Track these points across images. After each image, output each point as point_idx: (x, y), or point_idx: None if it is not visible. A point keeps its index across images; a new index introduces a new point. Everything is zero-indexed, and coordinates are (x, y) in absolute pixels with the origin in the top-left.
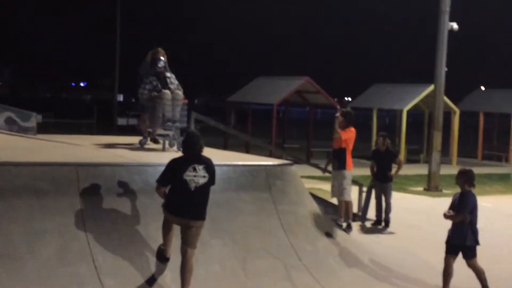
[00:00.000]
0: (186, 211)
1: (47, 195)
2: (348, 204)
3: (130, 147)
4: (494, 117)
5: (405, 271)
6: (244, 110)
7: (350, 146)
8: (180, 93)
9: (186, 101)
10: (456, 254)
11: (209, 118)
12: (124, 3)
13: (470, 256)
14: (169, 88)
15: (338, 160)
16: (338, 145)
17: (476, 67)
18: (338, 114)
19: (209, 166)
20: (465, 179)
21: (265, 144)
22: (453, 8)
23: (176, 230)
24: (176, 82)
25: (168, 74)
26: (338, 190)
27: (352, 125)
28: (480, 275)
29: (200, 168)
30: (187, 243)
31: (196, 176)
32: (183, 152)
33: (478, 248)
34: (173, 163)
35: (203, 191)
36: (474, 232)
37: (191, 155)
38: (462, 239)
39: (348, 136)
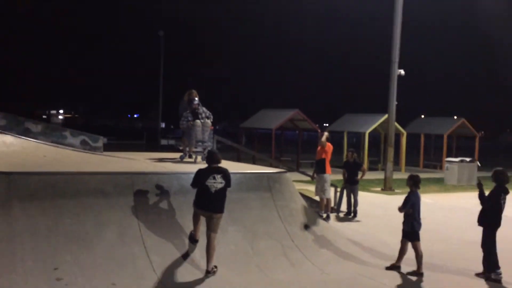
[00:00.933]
0: (209, 207)
1: (111, 196)
2: (328, 201)
3: (170, 160)
4: (431, 137)
5: (368, 248)
6: (252, 133)
7: (329, 157)
8: (208, 121)
9: (212, 127)
10: (407, 238)
11: (226, 139)
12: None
13: (414, 239)
14: (199, 119)
15: (320, 167)
16: (320, 156)
17: (418, 101)
18: (325, 134)
19: (225, 175)
20: (412, 182)
21: (267, 158)
22: (402, 57)
23: (202, 220)
24: (207, 113)
25: (200, 110)
26: (320, 190)
27: (330, 143)
28: (418, 257)
29: (218, 177)
30: (210, 229)
31: (215, 183)
32: (207, 164)
33: (422, 232)
34: (199, 172)
35: (221, 192)
36: (417, 221)
37: (212, 167)
38: (408, 226)
39: (329, 148)
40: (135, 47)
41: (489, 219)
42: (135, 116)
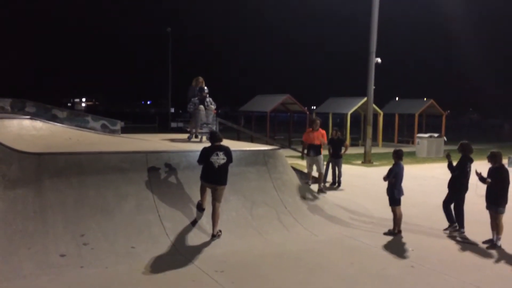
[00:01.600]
0: (213, 180)
1: (128, 171)
2: (321, 175)
3: (179, 140)
4: (404, 116)
5: (351, 213)
6: (249, 115)
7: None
8: (212, 106)
9: (215, 111)
10: (390, 203)
11: (227, 121)
12: (172, 49)
13: (394, 203)
14: (204, 105)
15: (316, 150)
16: (317, 141)
17: (394, 85)
18: (318, 121)
19: (227, 152)
20: (395, 155)
21: (263, 137)
22: (378, 46)
23: (208, 191)
24: (210, 100)
25: (208, 99)
26: (317, 167)
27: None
28: (395, 219)
29: (220, 154)
30: (215, 199)
31: (218, 159)
32: (210, 143)
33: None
34: (204, 150)
35: (224, 167)
36: (398, 189)
37: (215, 145)
38: (390, 193)
39: (324, 134)
40: (147, 42)
41: (458, 185)
42: (148, 102)
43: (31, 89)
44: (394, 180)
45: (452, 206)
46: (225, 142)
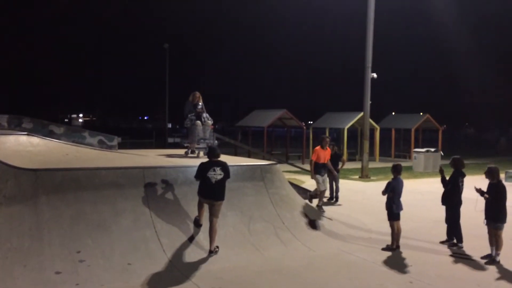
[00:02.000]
0: (210, 195)
1: (125, 187)
2: (323, 192)
3: (176, 156)
4: (401, 131)
5: (348, 228)
6: (247, 131)
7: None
8: (209, 122)
9: (213, 126)
10: (388, 218)
11: (225, 136)
12: (170, 65)
13: (392, 218)
14: (201, 120)
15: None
16: (326, 160)
17: (389, 100)
18: (328, 139)
19: (224, 167)
20: (394, 170)
21: (260, 152)
22: (374, 62)
23: (206, 206)
24: (207, 116)
25: (204, 115)
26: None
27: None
28: (393, 234)
29: (218, 169)
30: (212, 215)
31: (216, 174)
32: (208, 158)
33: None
34: (201, 165)
35: (221, 183)
36: (396, 204)
37: (212, 160)
38: (389, 207)
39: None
40: (144, 57)
41: (451, 199)
42: (145, 118)
43: (28, 104)
44: (392, 194)
45: (446, 219)
46: (223, 157)
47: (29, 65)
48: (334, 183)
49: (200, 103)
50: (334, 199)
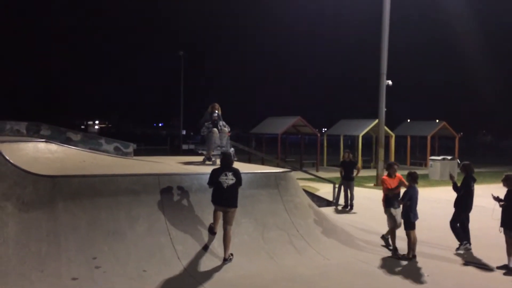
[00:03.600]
0: (223, 201)
1: (140, 194)
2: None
3: (190, 163)
4: (416, 139)
5: (363, 237)
6: (261, 138)
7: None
8: (226, 129)
9: (229, 133)
10: (405, 227)
11: (239, 143)
12: (185, 73)
13: (409, 227)
14: (217, 128)
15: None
16: (398, 191)
17: (405, 107)
18: (396, 166)
19: (236, 173)
20: (410, 178)
21: (274, 159)
22: (389, 69)
23: (221, 214)
24: (223, 123)
25: (221, 122)
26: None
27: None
28: (410, 243)
29: (229, 174)
30: (226, 222)
31: (227, 179)
32: (220, 164)
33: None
34: (213, 171)
35: (233, 188)
36: (413, 213)
37: (225, 166)
38: (405, 216)
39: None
40: (159, 65)
41: (466, 203)
42: (160, 124)
43: (45, 111)
44: (409, 203)
45: (458, 224)
46: (236, 165)
47: (47, 72)
48: (349, 191)
49: (216, 112)
50: (349, 207)
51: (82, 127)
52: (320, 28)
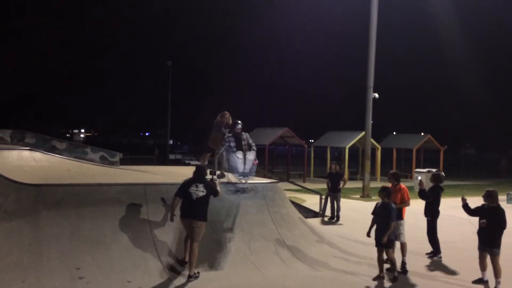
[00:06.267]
0: (189, 213)
1: (126, 204)
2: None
3: (178, 173)
4: (402, 151)
5: (349, 248)
6: None
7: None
8: (252, 154)
9: (257, 162)
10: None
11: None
12: (172, 83)
13: (389, 246)
14: (242, 147)
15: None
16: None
17: (390, 120)
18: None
19: (207, 185)
20: (385, 193)
21: (261, 170)
22: (375, 82)
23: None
24: (249, 141)
25: (244, 136)
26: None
27: None
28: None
29: (200, 186)
30: (192, 239)
31: (197, 191)
32: (193, 175)
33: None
34: (184, 182)
35: (202, 201)
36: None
37: (196, 178)
38: (393, 235)
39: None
40: (147, 73)
41: (434, 211)
42: (147, 134)
43: (30, 119)
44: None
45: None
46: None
47: (32, 80)
48: (335, 202)
49: (239, 122)
50: (335, 218)
51: (68, 135)
52: (308, 39)
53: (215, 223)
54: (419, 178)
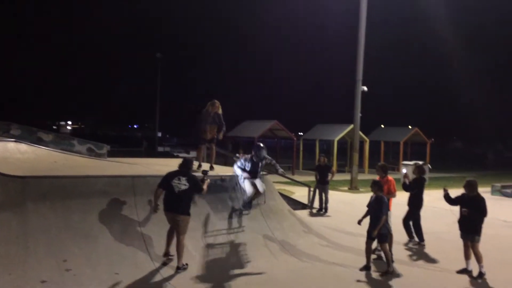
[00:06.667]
0: (172, 207)
1: (114, 196)
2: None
3: (166, 165)
4: (390, 144)
5: (337, 239)
6: (237, 141)
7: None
8: (262, 186)
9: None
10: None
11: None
12: (162, 74)
13: (383, 240)
14: (255, 176)
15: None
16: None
17: (378, 114)
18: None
19: (190, 178)
20: (377, 187)
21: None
22: (364, 75)
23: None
24: (268, 159)
25: (268, 160)
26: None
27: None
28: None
29: (183, 179)
30: (178, 232)
31: (180, 184)
32: (178, 167)
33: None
34: (168, 174)
35: (185, 194)
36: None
37: (181, 170)
38: (384, 229)
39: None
40: (135, 66)
41: (417, 202)
42: (135, 126)
43: (16, 111)
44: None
45: (411, 222)
46: (216, 168)
47: (18, 71)
48: (323, 194)
49: (264, 151)
50: (324, 210)
51: (54, 127)
52: (296, 33)
53: (203, 215)
54: (404, 171)
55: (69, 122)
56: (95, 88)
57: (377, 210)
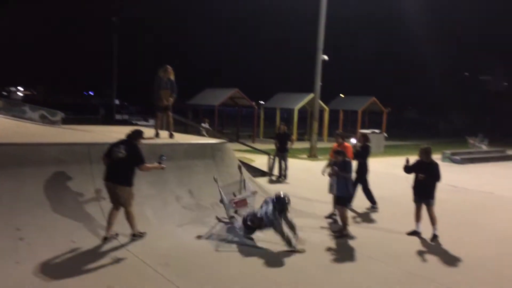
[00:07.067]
0: (110, 175)
1: (69, 164)
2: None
3: (122, 132)
4: (348, 113)
5: (294, 205)
6: (197, 109)
7: None
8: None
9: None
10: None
11: (175, 114)
12: (120, 36)
13: (341, 203)
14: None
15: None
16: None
17: (338, 82)
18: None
19: (129, 147)
20: (342, 157)
21: (211, 130)
22: (325, 44)
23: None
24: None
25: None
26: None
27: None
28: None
29: (122, 146)
30: (121, 204)
31: (117, 151)
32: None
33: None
34: (112, 143)
35: (122, 163)
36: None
37: (125, 139)
38: (347, 191)
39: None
40: (92, 31)
41: (365, 168)
42: (91, 93)
43: None
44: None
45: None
46: (174, 135)
47: None
48: (282, 162)
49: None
50: (283, 177)
51: (4, 93)
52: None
53: (163, 182)
54: (353, 140)
55: (20, 88)
56: (49, 52)
57: (343, 171)
